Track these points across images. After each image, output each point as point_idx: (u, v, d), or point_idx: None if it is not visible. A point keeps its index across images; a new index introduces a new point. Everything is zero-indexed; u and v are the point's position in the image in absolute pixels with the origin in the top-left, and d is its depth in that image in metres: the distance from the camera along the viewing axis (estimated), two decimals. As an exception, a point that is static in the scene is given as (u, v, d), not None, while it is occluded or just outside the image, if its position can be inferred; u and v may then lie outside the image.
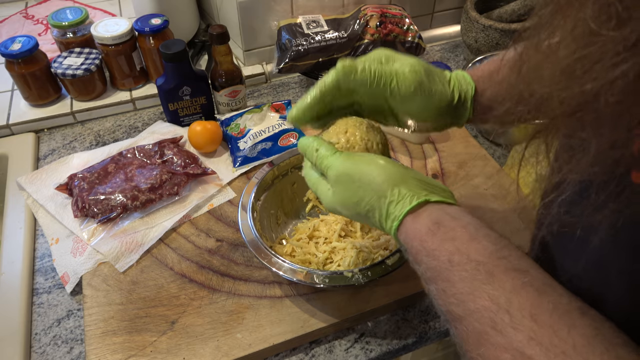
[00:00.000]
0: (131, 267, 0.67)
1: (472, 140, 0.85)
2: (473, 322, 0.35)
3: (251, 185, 0.67)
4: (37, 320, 0.64)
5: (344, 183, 0.46)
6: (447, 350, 0.83)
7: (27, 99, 0.92)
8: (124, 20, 0.91)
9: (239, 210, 0.64)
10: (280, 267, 0.57)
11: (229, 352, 0.58)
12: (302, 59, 0.92)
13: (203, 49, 1.07)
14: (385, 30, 0.95)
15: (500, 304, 0.34)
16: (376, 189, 0.44)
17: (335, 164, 0.46)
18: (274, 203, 0.70)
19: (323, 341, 0.62)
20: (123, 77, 0.95)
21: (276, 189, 0.71)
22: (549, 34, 0.30)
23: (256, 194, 0.66)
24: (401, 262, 0.57)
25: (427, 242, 0.40)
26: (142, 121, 0.94)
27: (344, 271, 0.56)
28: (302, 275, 0.57)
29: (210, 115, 0.89)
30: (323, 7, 1.00)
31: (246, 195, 0.66)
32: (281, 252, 0.63)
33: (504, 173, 0.79)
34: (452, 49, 1.13)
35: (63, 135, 0.91)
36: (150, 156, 0.79)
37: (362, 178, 0.45)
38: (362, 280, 0.56)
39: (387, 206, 0.43)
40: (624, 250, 0.32)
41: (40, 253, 0.72)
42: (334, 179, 0.46)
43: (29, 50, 0.85)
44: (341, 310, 0.62)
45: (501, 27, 0.93)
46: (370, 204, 0.45)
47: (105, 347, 0.59)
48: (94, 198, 0.72)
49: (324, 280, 0.56)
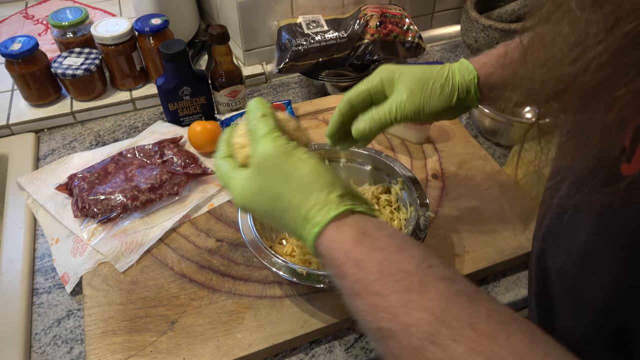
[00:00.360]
0: (131, 267, 0.67)
1: (472, 140, 0.85)
2: (409, 337, 0.32)
3: None
4: (37, 320, 0.64)
5: (269, 170, 0.41)
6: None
7: (27, 99, 0.93)
8: (124, 20, 0.91)
9: (238, 210, 0.64)
10: (280, 267, 0.57)
11: (229, 352, 0.58)
12: (302, 59, 0.92)
13: (203, 49, 1.07)
14: (385, 30, 0.95)
15: (437, 315, 0.32)
16: (302, 187, 0.40)
17: (269, 145, 0.42)
18: None
19: (323, 341, 0.62)
20: (123, 77, 0.95)
21: None
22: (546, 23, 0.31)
23: None
24: None
25: (354, 252, 0.37)
26: (142, 121, 0.94)
27: None
28: (302, 275, 0.57)
29: (210, 115, 0.89)
30: (323, 7, 1.00)
31: None
32: (281, 252, 0.63)
33: (504, 173, 0.79)
34: (452, 49, 1.13)
35: (63, 135, 0.91)
36: (150, 156, 0.79)
37: (290, 170, 0.41)
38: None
39: (309, 209, 0.40)
40: (607, 242, 0.33)
41: (40, 253, 0.72)
42: (260, 160, 0.42)
43: (29, 50, 0.85)
44: (341, 310, 0.62)
45: (501, 27, 0.93)
46: (290, 201, 0.40)
47: (105, 347, 0.59)
48: (94, 198, 0.72)
49: (323, 281, 0.56)
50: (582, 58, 0.26)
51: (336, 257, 0.38)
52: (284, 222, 0.42)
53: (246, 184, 0.43)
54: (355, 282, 0.36)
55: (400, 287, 0.34)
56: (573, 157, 0.32)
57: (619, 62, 0.25)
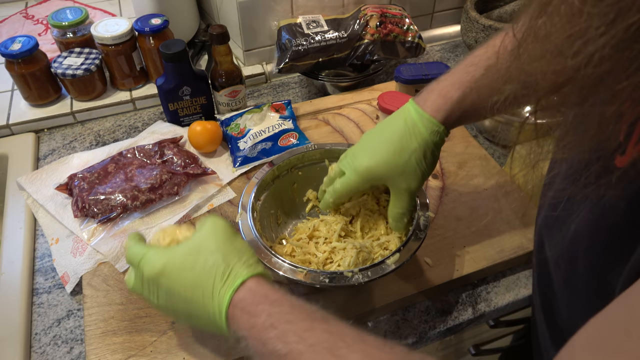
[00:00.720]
0: (131, 267, 0.67)
1: (472, 140, 0.85)
2: (312, 355, 0.38)
3: (251, 185, 0.67)
4: (37, 320, 0.64)
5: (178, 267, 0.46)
6: (447, 350, 0.83)
7: (27, 99, 0.93)
8: (124, 20, 0.91)
9: (239, 210, 0.64)
10: (280, 267, 0.57)
11: (229, 352, 0.58)
12: (302, 59, 0.92)
13: (203, 49, 1.07)
14: (385, 30, 0.95)
15: (336, 334, 0.39)
16: (216, 262, 0.46)
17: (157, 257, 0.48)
18: (274, 203, 0.70)
19: (323, 341, 0.62)
20: (123, 77, 0.95)
21: (276, 188, 0.71)
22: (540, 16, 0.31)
23: (256, 193, 0.66)
24: (401, 262, 0.57)
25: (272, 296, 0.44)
26: (142, 121, 0.94)
27: (344, 271, 0.56)
28: (302, 275, 0.56)
29: (210, 115, 0.89)
30: (323, 7, 1.00)
31: (246, 195, 0.66)
32: (281, 252, 0.63)
33: (504, 173, 0.79)
34: (452, 49, 1.14)
35: (63, 135, 0.91)
36: (150, 156, 0.79)
37: (201, 249, 0.47)
38: (362, 280, 0.56)
39: (225, 277, 0.45)
40: (598, 231, 0.35)
41: (40, 253, 0.72)
42: (161, 267, 0.47)
43: (29, 50, 0.85)
44: (341, 310, 0.62)
45: (501, 27, 0.93)
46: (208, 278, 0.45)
47: (105, 347, 0.59)
48: (94, 198, 0.72)
49: (323, 281, 0.56)
50: (583, 51, 0.26)
51: (259, 306, 0.43)
52: (197, 306, 0.46)
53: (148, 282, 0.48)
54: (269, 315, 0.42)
55: (308, 325, 0.41)
56: (570, 150, 0.32)
57: (620, 55, 0.25)
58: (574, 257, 0.38)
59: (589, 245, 0.36)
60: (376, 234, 0.67)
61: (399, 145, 0.54)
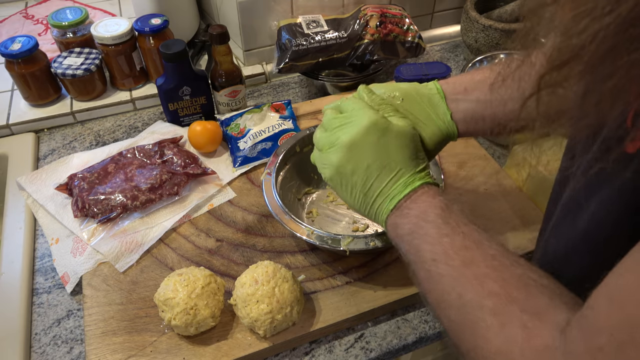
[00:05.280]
0: (131, 267, 0.67)
1: (472, 140, 0.85)
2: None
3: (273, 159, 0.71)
4: (37, 320, 0.65)
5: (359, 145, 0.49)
6: (447, 350, 0.82)
7: (27, 99, 0.93)
8: (124, 20, 0.91)
9: (262, 186, 0.67)
10: (311, 233, 0.61)
11: (229, 352, 0.58)
12: (302, 59, 0.92)
13: (203, 49, 1.07)
14: (385, 30, 0.95)
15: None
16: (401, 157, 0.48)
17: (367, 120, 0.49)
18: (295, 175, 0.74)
19: (323, 341, 0.62)
20: (123, 77, 0.95)
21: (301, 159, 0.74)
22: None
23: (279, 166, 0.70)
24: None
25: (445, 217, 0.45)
26: (142, 121, 0.94)
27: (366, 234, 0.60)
28: (333, 240, 0.60)
29: (210, 115, 0.89)
30: (323, 7, 1.00)
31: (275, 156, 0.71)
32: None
33: (504, 173, 0.79)
34: (452, 49, 1.14)
35: (63, 135, 0.91)
36: (150, 156, 0.79)
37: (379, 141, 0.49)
38: (380, 244, 0.59)
39: (406, 176, 0.48)
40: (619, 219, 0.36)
41: (40, 253, 0.72)
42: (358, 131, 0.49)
43: (29, 50, 0.85)
44: (341, 310, 0.62)
45: (501, 27, 0.93)
46: (383, 169, 0.48)
47: (105, 347, 0.59)
48: (94, 198, 0.72)
49: (343, 243, 0.59)
50: (589, 29, 0.27)
51: (430, 214, 0.46)
52: (368, 190, 0.49)
53: (340, 155, 0.50)
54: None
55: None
56: (568, 127, 0.34)
57: (624, 33, 0.26)
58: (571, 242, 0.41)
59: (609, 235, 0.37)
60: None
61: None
